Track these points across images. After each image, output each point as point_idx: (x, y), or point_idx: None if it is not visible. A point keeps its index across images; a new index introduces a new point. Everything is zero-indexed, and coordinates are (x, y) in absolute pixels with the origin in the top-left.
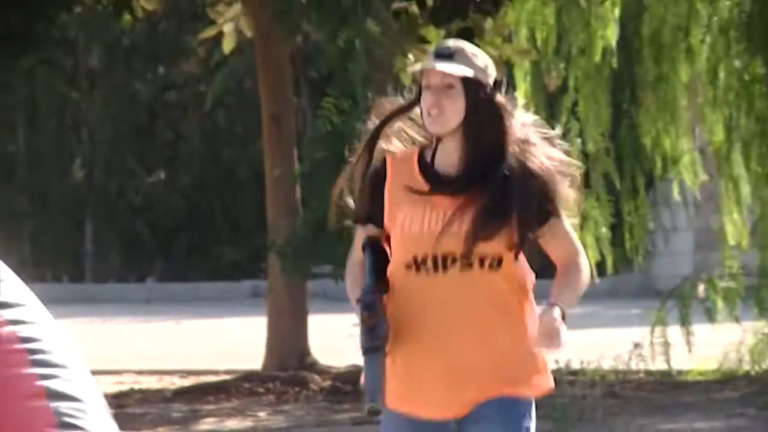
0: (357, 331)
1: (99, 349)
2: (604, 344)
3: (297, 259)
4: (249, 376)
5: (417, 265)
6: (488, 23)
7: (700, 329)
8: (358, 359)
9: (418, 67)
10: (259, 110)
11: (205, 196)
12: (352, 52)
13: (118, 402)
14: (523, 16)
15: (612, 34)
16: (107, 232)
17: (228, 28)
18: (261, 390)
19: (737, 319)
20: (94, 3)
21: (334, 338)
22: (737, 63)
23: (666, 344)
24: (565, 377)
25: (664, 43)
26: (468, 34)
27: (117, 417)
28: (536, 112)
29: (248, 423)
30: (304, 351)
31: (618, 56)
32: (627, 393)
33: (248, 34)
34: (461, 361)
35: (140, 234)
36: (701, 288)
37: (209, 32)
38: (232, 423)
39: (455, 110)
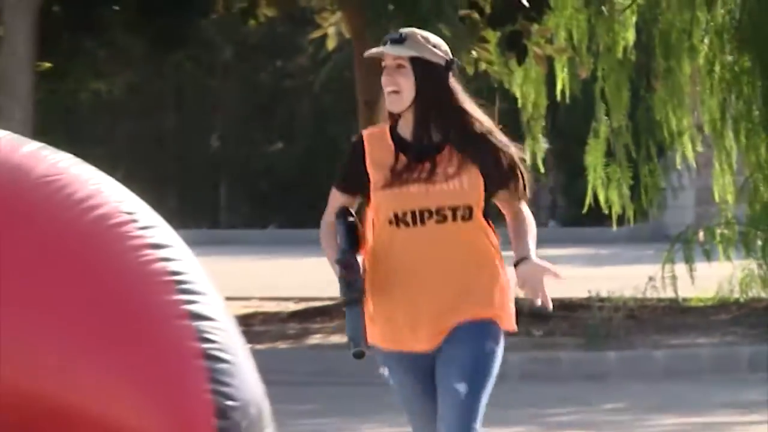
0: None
1: (230, 280)
2: (625, 277)
3: None
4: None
5: (398, 220)
6: (534, 27)
7: (701, 266)
8: None
9: (373, 51)
10: (355, 96)
11: (313, 163)
12: None
13: (245, 322)
14: (561, 22)
15: (631, 36)
16: (237, 190)
17: (331, 30)
18: None
19: (730, 258)
20: (226, 10)
21: None
22: (729, 58)
23: (674, 278)
24: (595, 303)
25: (672, 42)
26: (518, 36)
27: (244, 333)
28: (572, 97)
29: (345, 339)
30: None
31: (636, 53)
32: (643, 316)
33: (347, 35)
34: (442, 301)
35: (263, 191)
36: (701, 234)
37: (316, 34)
38: (334, 338)
39: (408, 86)
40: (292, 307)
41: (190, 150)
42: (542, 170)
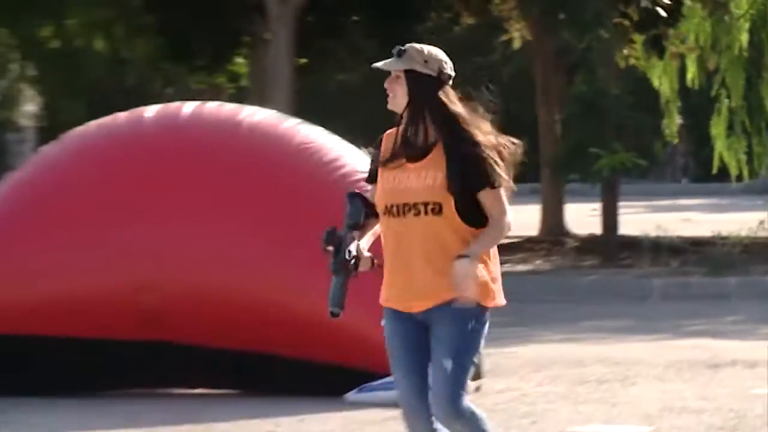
0: (594, 212)
1: None
2: (741, 221)
3: (559, 169)
4: (530, 239)
5: (388, 211)
6: (671, 32)
7: None
8: (597, 229)
9: (378, 64)
10: (535, 85)
11: (507, 134)
12: (591, 48)
13: None
14: (691, 27)
15: (745, 38)
16: None
17: (516, 34)
18: (537, 247)
19: None
20: (437, 17)
21: (580, 217)
22: None
23: None
24: (718, 240)
25: None
26: (658, 38)
27: None
28: (699, 85)
29: (529, 266)
30: (561, 224)
31: (749, 50)
32: (755, 250)
33: (528, 37)
34: (416, 277)
35: None
36: None
37: (506, 36)
38: (521, 267)
39: (402, 93)
40: None
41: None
42: (677, 140)
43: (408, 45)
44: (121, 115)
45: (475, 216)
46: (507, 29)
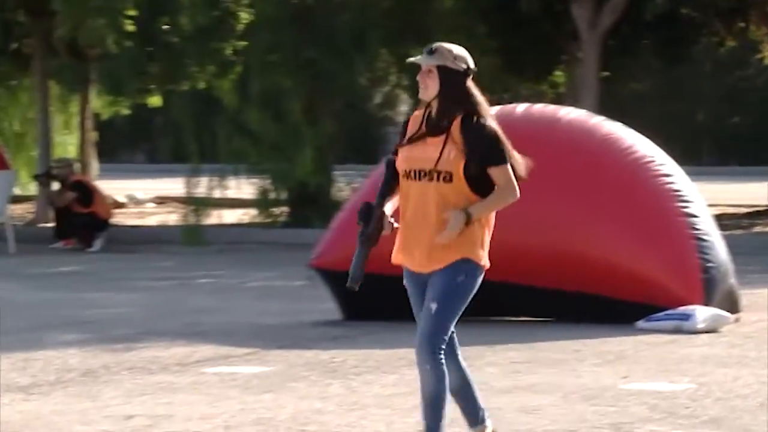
0: None
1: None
2: None
3: None
4: None
5: (407, 175)
6: None
7: None
8: None
9: (411, 59)
10: None
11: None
12: None
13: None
14: None
15: None
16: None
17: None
18: None
19: None
20: (707, 40)
21: None
22: None
23: None
24: None
25: None
26: None
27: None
28: None
29: None
30: None
31: None
32: None
33: None
34: (424, 238)
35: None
36: None
37: (760, 55)
38: None
39: (433, 85)
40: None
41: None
42: None
43: (437, 44)
44: None
45: (482, 185)
46: (761, 50)
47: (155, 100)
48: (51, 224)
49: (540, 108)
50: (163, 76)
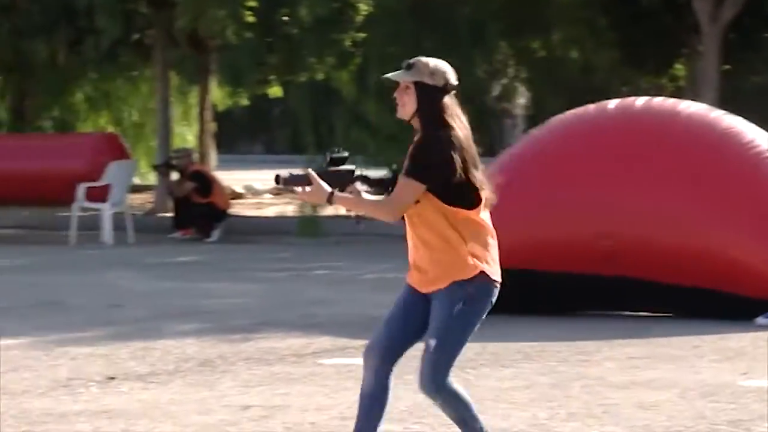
0: None
1: None
2: None
3: None
4: None
5: None
6: None
7: None
8: None
9: (388, 75)
10: None
11: None
12: None
13: None
14: None
15: None
16: None
17: None
18: None
19: None
20: None
21: None
22: None
23: None
24: None
25: None
26: None
27: None
28: None
29: None
30: None
31: None
32: None
33: None
34: (423, 263)
35: None
36: None
37: None
38: None
39: (410, 102)
40: None
41: None
42: None
43: (415, 59)
44: (590, 107)
45: (456, 196)
46: None
47: (274, 91)
48: (170, 214)
49: (660, 101)
50: (281, 67)
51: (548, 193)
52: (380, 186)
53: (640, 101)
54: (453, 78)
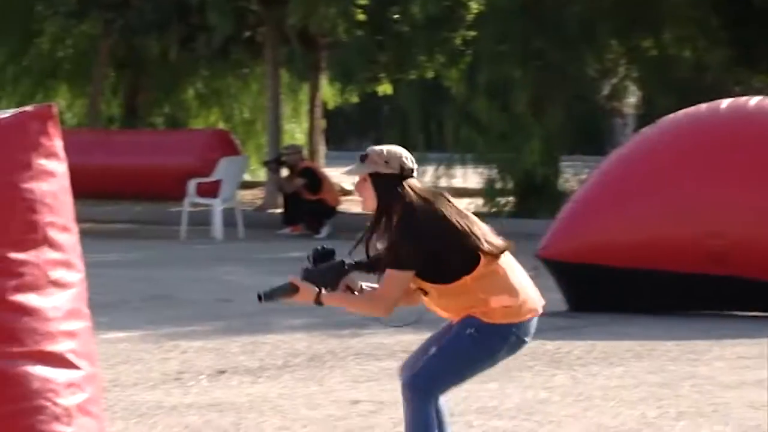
0: None
1: None
2: None
3: None
4: None
5: None
6: None
7: None
8: None
9: (346, 171)
10: None
11: None
12: None
13: None
14: None
15: None
16: None
17: None
18: None
19: None
20: None
21: None
22: None
23: None
24: None
25: None
26: None
27: None
28: None
29: None
30: None
31: None
32: None
33: None
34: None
35: None
36: None
37: None
38: None
39: (369, 195)
40: None
41: None
42: None
43: (369, 149)
44: (702, 106)
45: (433, 271)
46: None
47: (384, 89)
48: (279, 210)
49: None
50: (392, 65)
51: (658, 192)
52: (376, 267)
53: (753, 101)
54: (409, 162)
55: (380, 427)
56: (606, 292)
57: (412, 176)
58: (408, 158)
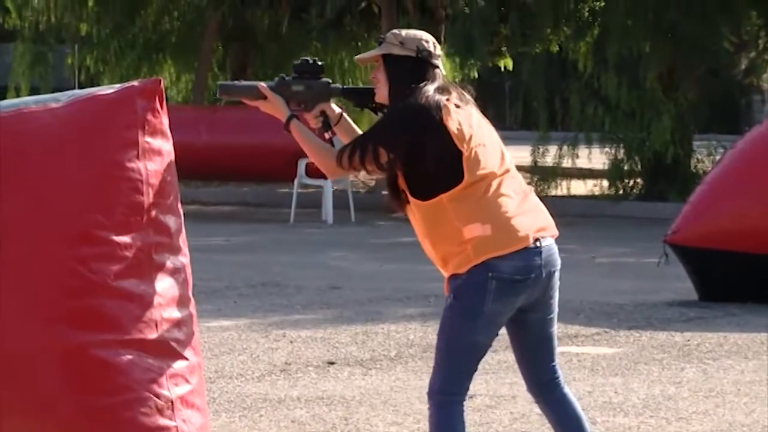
0: None
1: None
2: None
3: None
4: None
5: None
6: None
7: None
8: None
9: (358, 57)
10: None
11: None
12: None
13: None
14: None
15: None
16: None
17: None
18: None
19: None
20: None
21: None
22: None
23: None
24: None
25: None
26: None
27: None
28: None
29: None
30: None
31: None
32: None
33: None
34: (431, 254)
35: None
36: None
37: None
38: None
39: (382, 81)
40: None
41: None
42: None
43: (389, 31)
44: None
45: (419, 181)
46: None
47: (506, 62)
48: None
49: None
50: (514, 38)
51: None
52: (367, 101)
53: None
54: (431, 46)
55: (498, 423)
56: (740, 280)
57: (432, 62)
58: (430, 41)
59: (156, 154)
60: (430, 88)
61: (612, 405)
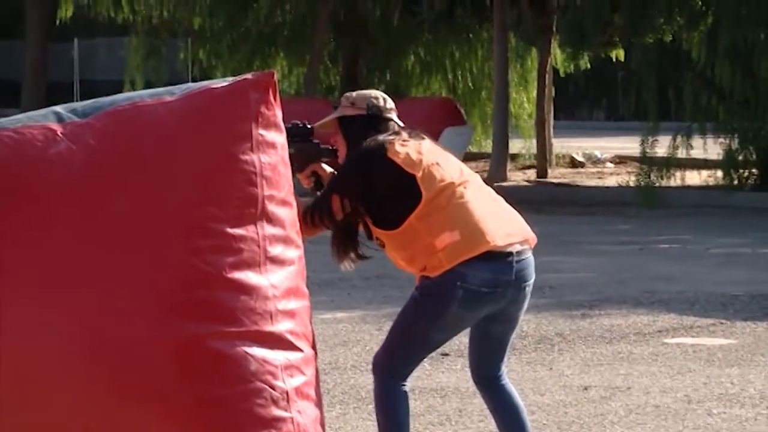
0: None
1: None
2: None
3: None
4: None
5: None
6: None
7: None
8: None
9: (317, 125)
10: None
11: None
12: None
13: None
14: None
15: None
16: None
17: None
18: None
19: None
20: None
21: None
22: None
23: None
24: None
25: None
26: None
27: None
28: None
29: None
30: None
31: None
32: None
33: None
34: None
35: None
36: None
37: None
38: None
39: (341, 140)
40: None
41: None
42: None
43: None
44: None
45: (381, 217)
46: None
47: (617, 53)
48: (507, 183)
49: None
50: (627, 28)
51: None
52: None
53: None
54: (380, 101)
55: (613, 414)
56: None
57: (383, 116)
58: (379, 97)
59: (270, 147)
60: (378, 137)
61: (728, 396)
